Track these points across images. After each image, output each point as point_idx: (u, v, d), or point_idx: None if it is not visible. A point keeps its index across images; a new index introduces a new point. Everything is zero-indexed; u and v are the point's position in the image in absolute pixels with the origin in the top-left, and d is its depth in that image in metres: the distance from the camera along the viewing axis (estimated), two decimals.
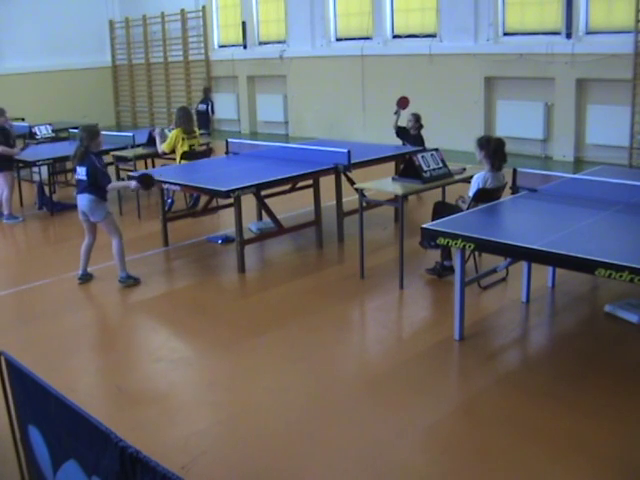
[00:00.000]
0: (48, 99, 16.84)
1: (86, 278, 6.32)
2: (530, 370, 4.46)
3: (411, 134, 8.90)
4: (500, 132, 11.14)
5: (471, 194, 5.55)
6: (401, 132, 9.04)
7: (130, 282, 6.17)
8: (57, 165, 9.55)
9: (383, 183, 6.21)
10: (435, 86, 12.34)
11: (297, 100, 15.10)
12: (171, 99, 17.61)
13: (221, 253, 7.16)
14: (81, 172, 5.98)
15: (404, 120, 9.05)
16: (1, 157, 8.52)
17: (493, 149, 5.59)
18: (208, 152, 8.86)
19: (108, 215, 6.08)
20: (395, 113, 9.10)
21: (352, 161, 6.89)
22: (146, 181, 6.18)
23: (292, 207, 8.10)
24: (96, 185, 5.95)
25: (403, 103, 9.14)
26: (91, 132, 6.06)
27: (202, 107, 13.59)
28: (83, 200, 6.01)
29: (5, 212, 8.65)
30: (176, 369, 4.67)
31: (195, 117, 13.58)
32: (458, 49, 12.12)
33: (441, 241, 4.60)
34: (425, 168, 6.02)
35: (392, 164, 7.81)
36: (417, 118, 8.93)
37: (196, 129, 8.63)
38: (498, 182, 5.66)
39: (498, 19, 11.83)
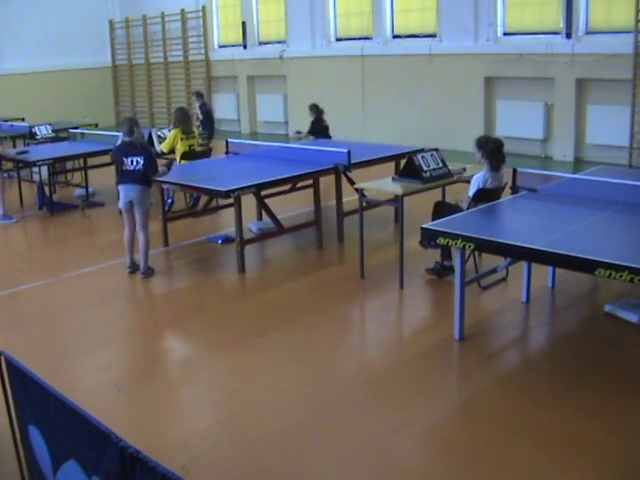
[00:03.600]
0: (48, 99, 16.83)
1: (135, 267, 6.46)
2: (530, 370, 4.46)
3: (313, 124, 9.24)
4: (500, 132, 11.14)
5: (471, 194, 5.55)
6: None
7: (149, 273, 6.38)
8: (57, 165, 9.55)
9: (383, 183, 6.20)
10: (435, 86, 12.33)
11: (297, 100, 15.09)
12: (171, 99, 17.60)
13: (221, 253, 7.16)
14: (136, 162, 6.19)
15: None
16: None
17: (491, 149, 5.60)
18: (208, 152, 8.86)
19: (150, 206, 6.39)
20: None
21: (352, 161, 6.89)
22: None
23: (292, 207, 8.10)
24: (148, 174, 6.26)
25: None
26: (136, 123, 6.44)
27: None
28: (135, 190, 6.20)
29: None
30: (176, 369, 4.68)
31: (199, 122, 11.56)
32: (458, 49, 12.12)
33: (441, 241, 4.60)
34: (425, 168, 6.02)
35: (392, 164, 7.81)
36: (311, 107, 9.31)
37: (195, 129, 8.63)
38: (498, 182, 5.66)
39: (498, 19, 11.83)
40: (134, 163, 6.18)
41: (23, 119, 13.35)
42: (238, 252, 6.43)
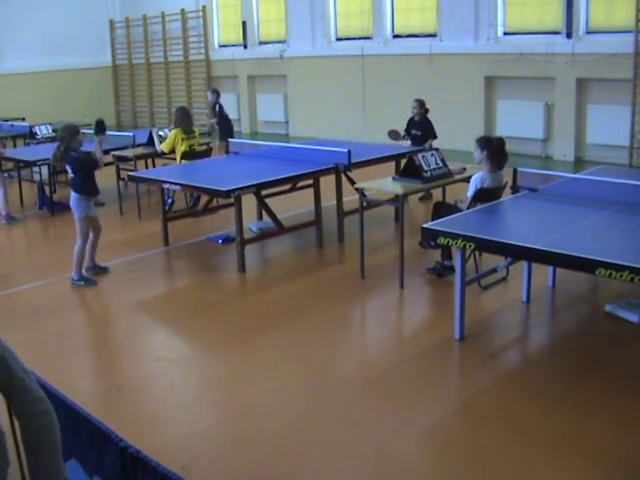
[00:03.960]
0: (48, 99, 16.83)
1: (95, 271, 6.41)
2: (530, 370, 4.46)
3: (416, 121, 8.78)
4: (500, 132, 11.13)
5: (470, 194, 5.55)
6: (407, 129, 8.93)
7: (81, 284, 6.17)
8: (57, 165, 9.54)
9: (383, 183, 6.21)
10: (435, 86, 12.32)
11: (297, 100, 15.09)
12: (171, 99, 17.60)
13: (221, 253, 7.16)
14: (69, 170, 6.30)
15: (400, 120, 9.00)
16: None
17: (496, 149, 5.58)
18: (208, 152, 8.86)
19: (85, 218, 6.12)
20: (398, 139, 8.92)
21: (352, 161, 6.89)
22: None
23: (292, 207, 8.09)
24: (82, 182, 6.10)
25: (395, 135, 8.94)
26: (71, 131, 6.16)
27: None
28: (71, 197, 6.17)
29: (3, 213, 8.63)
30: (176, 369, 4.68)
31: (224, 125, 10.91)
32: (458, 49, 12.12)
33: (441, 241, 4.60)
34: (425, 168, 6.02)
35: (392, 164, 7.81)
36: (421, 104, 8.74)
37: (195, 129, 8.63)
38: (497, 182, 5.66)
39: (498, 19, 11.83)
40: (69, 171, 6.26)
41: (23, 119, 13.36)
42: (238, 252, 6.43)
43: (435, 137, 8.71)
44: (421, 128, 8.69)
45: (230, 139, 9.05)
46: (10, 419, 2.82)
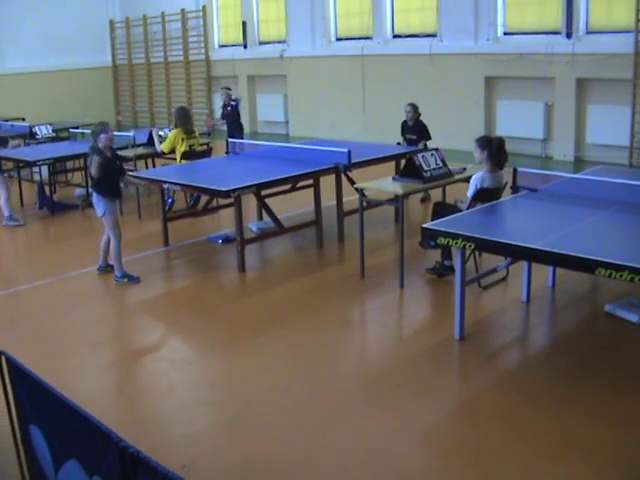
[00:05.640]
0: (48, 99, 16.84)
1: (105, 270, 6.40)
2: (530, 370, 4.46)
3: (410, 125, 8.78)
4: (500, 132, 11.13)
5: (470, 194, 5.55)
6: (402, 133, 8.98)
7: (124, 281, 6.17)
8: (57, 165, 9.55)
9: (383, 183, 6.21)
10: (435, 86, 12.33)
11: (297, 100, 15.09)
12: (171, 99, 17.61)
13: (221, 253, 7.17)
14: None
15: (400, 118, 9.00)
16: None
17: (496, 148, 5.58)
18: (208, 152, 8.86)
19: (106, 214, 6.09)
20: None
21: (352, 161, 6.89)
22: None
23: (292, 207, 8.10)
24: (97, 182, 6.10)
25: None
26: (95, 128, 6.16)
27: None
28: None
29: (5, 214, 8.62)
30: (176, 369, 4.68)
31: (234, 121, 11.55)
32: (458, 49, 12.12)
33: (441, 241, 4.60)
34: (425, 168, 6.02)
35: (392, 164, 7.81)
36: (415, 108, 8.72)
37: (195, 129, 8.63)
38: (497, 182, 5.66)
39: (498, 19, 11.83)
40: None
41: (23, 119, 13.37)
42: (238, 252, 6.44)
43: (429, 138, 8.70)
44: (415, 132, 8.70)
45: (232, 138, 9.06)
46: (10, 418, 2.83)
